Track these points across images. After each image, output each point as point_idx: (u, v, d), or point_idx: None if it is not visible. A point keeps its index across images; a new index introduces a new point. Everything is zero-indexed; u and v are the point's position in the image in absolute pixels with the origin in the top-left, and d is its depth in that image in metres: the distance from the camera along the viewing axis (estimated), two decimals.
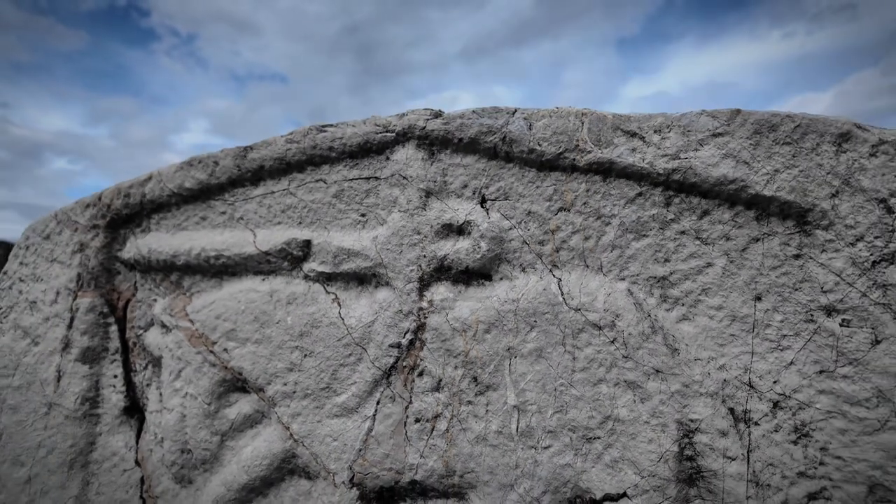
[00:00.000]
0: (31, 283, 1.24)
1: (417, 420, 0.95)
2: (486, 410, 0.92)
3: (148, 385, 1.17)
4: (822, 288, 0.82)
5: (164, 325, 1.13)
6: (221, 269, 1.11)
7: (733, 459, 0.82)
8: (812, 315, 0.82)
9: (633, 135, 0.90)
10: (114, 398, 1.18)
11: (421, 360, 0.96)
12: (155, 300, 1.17)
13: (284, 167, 1.09)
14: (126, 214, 1.19)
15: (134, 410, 1.19)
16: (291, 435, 1.00)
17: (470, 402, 0.93)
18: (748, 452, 0.82)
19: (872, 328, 0.79)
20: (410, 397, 0.96)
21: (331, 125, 1.07)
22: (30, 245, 1.27)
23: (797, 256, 0.84)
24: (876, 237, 0.80)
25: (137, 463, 1.14)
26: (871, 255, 0.80)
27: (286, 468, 1.01)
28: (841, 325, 0.80)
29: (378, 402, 0.97)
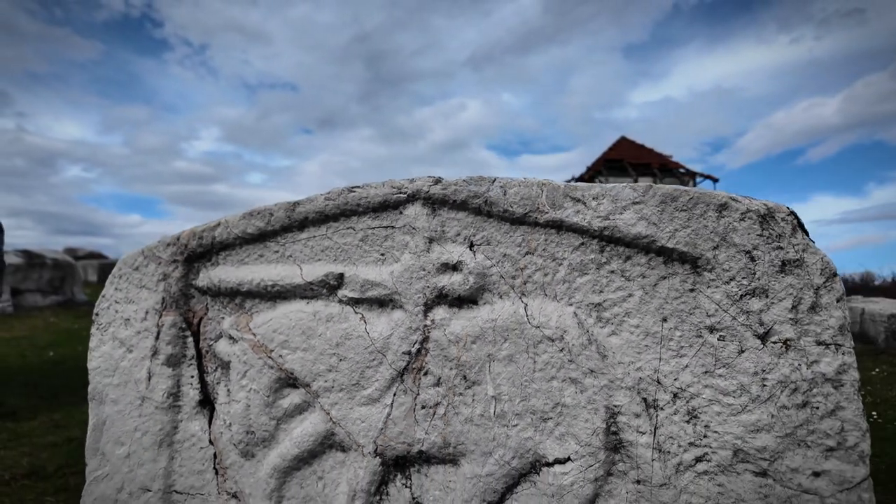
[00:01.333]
0: (124, 305, 1.62)
1: (423, 407, 1.31)
2: (473, 399, 1.28)
3: (218, 383, 1.54)
4: (707, 313, 1.17)
5: (231, 338, 1.50)
6: (276, 294, 1.48)
7: (644, 433, 1.17)
8: (700, 332, 1.18)
9: (578, 200, 1.27)
10: (191, 393, 1.55)
11: (426, 363, 1.33)
12: (223, 318, 1.54)
13: (323, 218, 1.46)
14: (199, 252, 1.57)
15: (206, 403, 1.56)
16: (331, 418, 1.37)
17: (461, 394, 1.30)
18: (655, 429, 1.17)
19: (739, 342, 1.14)
20: (418, 390, 1.32)
21: (358, 187, 1.44)
22: (122, 274, 1.64)
23: (691, 290, 1.19)
24: (743, 278, 1.15)
25: (211, 442, 1.51)
26: (740, 290, 1.15)
27: (326, 443, 1.38)
28: (718, 340, 1.16)
29: (394, 394, 1.34)
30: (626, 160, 27.64)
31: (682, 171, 27.99)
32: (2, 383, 5.38)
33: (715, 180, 28.14)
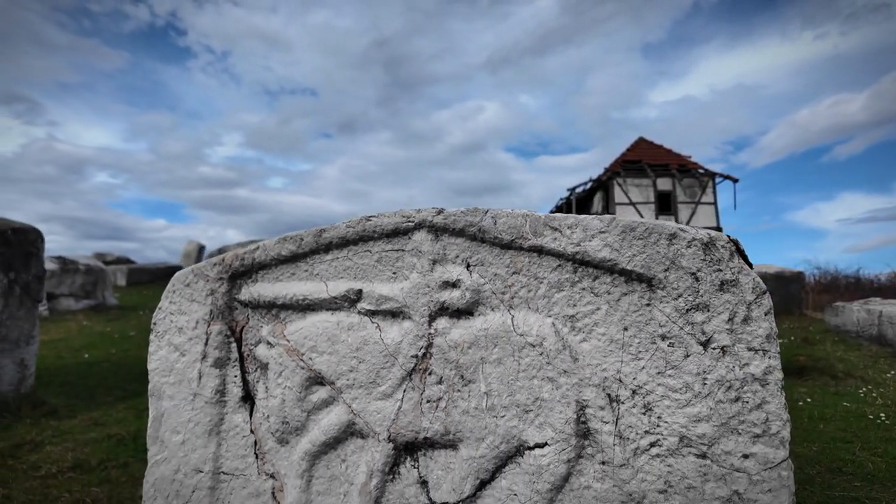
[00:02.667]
0: (178, 316, 1.94)
1: (428, 401, 1.60)
2: (468, 395, 1.56)
3: (257, 382, 1.85)
4: (659, 324, 1.43)
5: (269, 343, 1.80)
6: (306, 307, 1.78)
7: (607, 423, 1.44)
8: (654, 340, 1.44)
9: (555, 229, 1.54)
10: (235, 390, 1.86)
11: (430, 365, 1.61)
12: (262, 326, 1.85)
13: (345, 242, 1.75)
14: (241, 271, 1.88)
15: (247, 398, 1.86)
16: (352, 411, 1.66)
17: (459, 391, 1.57)
18: (617, 419, 1.44)
19: (685, 348, 1.40)
20: (423, 387, 1.61)
21: (374, 216, 1.73)
22: (176, 290, 1.96)
23: (647, 305, 1.45)
24: (689, 295, 1.41)
25: (251, 431, 1.81)
26: (686, 305, 1.41)
27: (349, 431, 1.67)
28: (668, 346, 1.42)
29: (404, 391, 1.62)
30: (644, 161, 27.56)
31: (700, 171, 27.75)
32: (42, 384, 5.69)
33: (735, 180, 27.85)
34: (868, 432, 4.51)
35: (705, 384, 1.38)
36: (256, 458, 1.79)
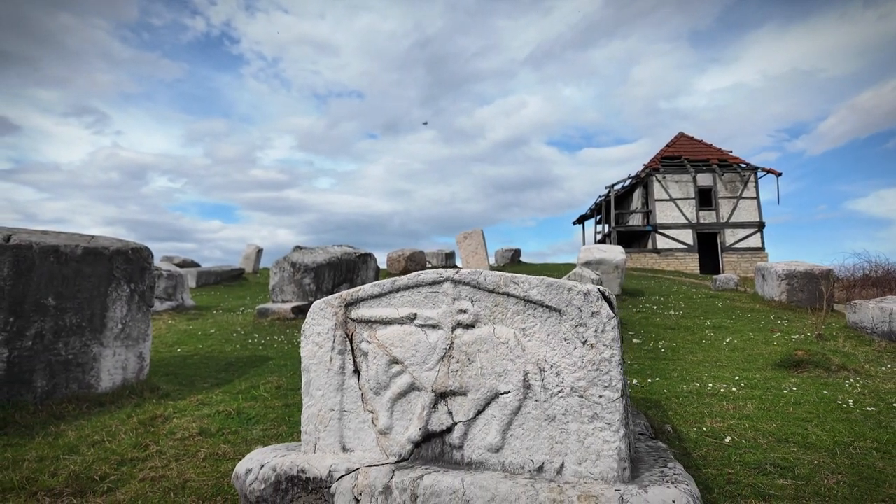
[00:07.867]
0: (317, 326, 3.56)
1: (452, 371, 3.16)
2: (472, 368, 3.12)
3: (362, 362, 3.45)
4: (563, 332, 2.94)
5: (367, 341, 3.40)
6: (387, 322, 3.37)
7: (538, 381, 2.96)
8: (561, 341, 2.95)
9: (515, 283, 3.06)
10: (349, 367, 3.47)
11: (452, 353, 3.17)
12: (363, 332, 3.45)
13: (407, 287, 3.33)
14: (351, 302, 3.49)
15: (356, 371, 3.47)
16: (413, 377, 3.25)
17: (466, 366, 3.13)
18: (543, 379, 2.96)
19: (574, 345, 2.91)
20: (449, 365, 3.17)
21: (423, 273, 3.30)
22: (314, 312, 3.59)
23: (559, 322, 2.96)
24: (577, 318, 2.91)
25: (359, 389, 3.42)
26: (575, 323, 2.91)
27: (411, 387, 3.26)
28: (567, 343, 2.93)
29: (439, 366, 3.19)
30: (683, 157, 27.93)
31: (742, 166, 27.81)
32: (151, 373, 6.76)
33: (777, 174, 27.88)
34: (829, 414, 5.41)
35: (583, 362, 2.88)
36: (363, 402, 3.41)
